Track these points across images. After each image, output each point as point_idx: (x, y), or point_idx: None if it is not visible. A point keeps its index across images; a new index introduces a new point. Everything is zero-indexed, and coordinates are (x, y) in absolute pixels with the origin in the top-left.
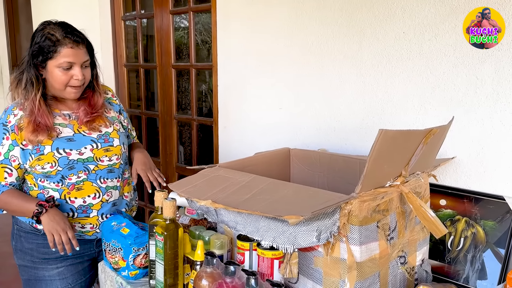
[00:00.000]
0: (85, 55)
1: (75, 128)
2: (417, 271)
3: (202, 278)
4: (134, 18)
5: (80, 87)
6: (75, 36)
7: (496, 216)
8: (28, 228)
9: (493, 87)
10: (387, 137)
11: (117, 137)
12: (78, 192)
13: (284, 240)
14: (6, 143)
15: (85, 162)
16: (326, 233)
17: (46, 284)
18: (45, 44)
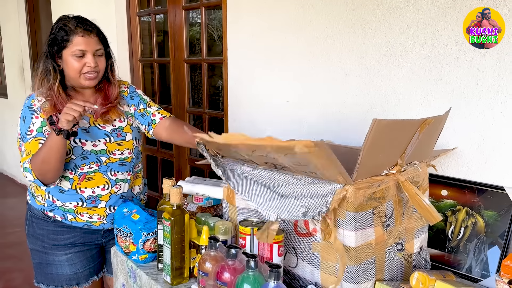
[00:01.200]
0: (97, 44)
1: (91, 121)
2: (415, 259)
3: (206, 261)
4: (148, 14)
5: (94, 75)
6: (86, 25)
7: (497, 206)
8: (40, 215)
9: (494, 79)
10: (381, 126)
11: (130, 131)
12: (88, 182)
13: (270, 207)
14: (36, 121)
15: (97, 154)
16: (315, 211)
17: (56, 268)
18: (59, 35)
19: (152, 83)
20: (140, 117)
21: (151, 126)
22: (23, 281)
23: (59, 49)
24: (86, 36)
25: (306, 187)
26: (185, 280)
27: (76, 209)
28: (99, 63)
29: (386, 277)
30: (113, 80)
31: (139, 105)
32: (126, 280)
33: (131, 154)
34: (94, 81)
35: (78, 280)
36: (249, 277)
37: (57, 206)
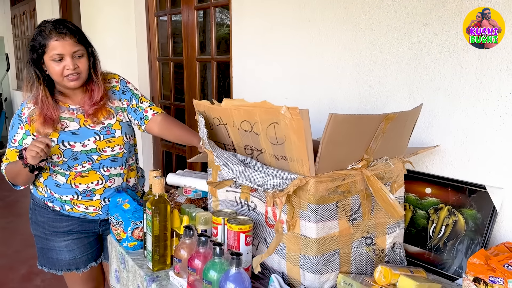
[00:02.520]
0: (74, 45)
1: (81, 122)
2: (388, 254)
3: (181, 249)
4: (165, 15)
5: (76, 77)
6: (60, 28)
7: (477, 205)
8: (41, 204)
9: (476, 76)
10: (337, 121)
11: (119, 128)
12: (83, 178)
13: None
14: (20, 132)
15: (88, 153)
16: (270, 185)
17: (56, 254)
18: (37, 41)
19: (169, 81)
20: (133, 112)
21: (143, 122)
22: None
23: (40, 55)
24: (61, 40)
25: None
26: (166, 267)
27: (73, 201)
28: (80, 64)
29: (353, 270)
30: (96, 80)
31: (131, 100)
32: (118, 265)
33: (122, 150)
34: (78, 82)
35: (77, 265)
36: (216, 264)
37: (55, 198)
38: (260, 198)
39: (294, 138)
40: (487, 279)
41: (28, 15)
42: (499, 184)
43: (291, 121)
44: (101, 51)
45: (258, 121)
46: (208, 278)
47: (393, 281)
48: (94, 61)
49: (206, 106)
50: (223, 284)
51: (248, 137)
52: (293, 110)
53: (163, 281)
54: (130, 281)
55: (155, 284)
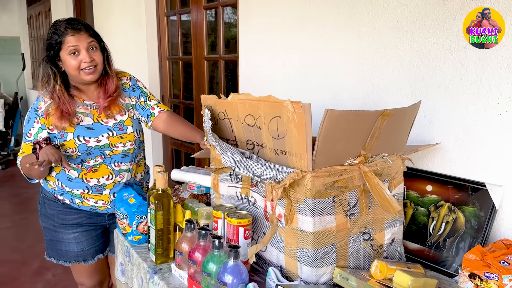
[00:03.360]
0: (88, 38)
1: (94, 118)
2: (387, 250)
3: (182, 242)
4: (175, 14)
5: (93, 69)
6: (75, 25)
7: (477, 202)
8: (51, 197)
9: (477, 74)
10: (333, 117)
11: (131, 124)
12: (94, 173)
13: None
14: (36, 126)
15: (101, 148)
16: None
17: (65, 245)
18: (53, 39)
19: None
20: (140, 109)
21: (150, 119)
22: None
23: (56, 52)
24: (76, 34)
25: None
26: (169, 260)
27: (83, 195)
28: (95, 57)
29: (351, 265)
30: (110, 73)
31: (140, 98)
32: (123, 259)
33: (133, 146)
34: (95, 75)
35: (85, 257)
36: (215, 256)
37: (65, 191)
38: (260, 193)
39: (294, 132)
40: (482, 275)
41: (43, 15)
42: (499, 182)
43: (293, 115)
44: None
45: (262, 115)
46: (207, 270)
47: (389, 276)
48: (107, 55)
49: (213, 100)
50: (221, 275)
51: (251, 131)
52: (296, 104)
53: (165, 274)
54: (134, 274)
55: (157, 276)
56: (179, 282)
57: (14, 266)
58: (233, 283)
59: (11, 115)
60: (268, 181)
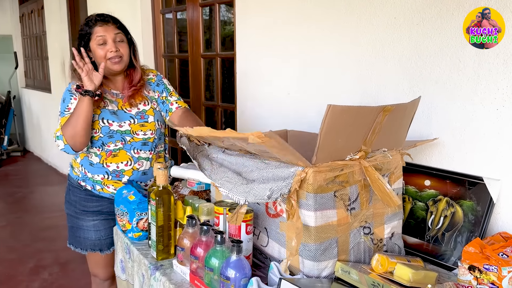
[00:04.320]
0: (115, 29)
1: (119, 106)
2: (386, 244)
3: (184, 238)
4: (171, 12)
5: (118, 60)
6: (103, 17)
7: (475, 196)
8: (75, 184)
9: (474, 70)
10: (336, 112)
11: (153, 114)
12: (114, 158)
13: (240, 192)
14: (74, 102)
15: (122, 134)
16: (277, 193)
17: (83, 233)
18: (84, 30)
19: (174, 77)
20: (161, 103)
21: (167, 114)
22: (53, 261)
23: (86, 42)
24: (104, 25)
25: (272, 171)
26: (170, 256)
27: (103, 181)
28: (121, 48)
29: (352, 259)
30: (136, 65)
31: (162, 93)
32: (123, 256)
33: (153, 135)
34: (120, 65)
35: (101, 247)
36: (217, 251)
37: (88, 177)
38: None
39: (273, 151)
40: (482, 267)
41: (36, 13)
42: (496, 176)
43: (263, 144)
44: None
45: (235, 141)
46: (209, 265)
47: (390, 269)
48: (133, 48)
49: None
50: (224, 270)
51: (237, 146)
52: (258, 136)
53: (166, 270)
54: (135, 271)
55: (159, 272)
56: (181, 277)
57: (10, 265)
58: (236, 277)
59: (3, 114)
60: (280, 199)
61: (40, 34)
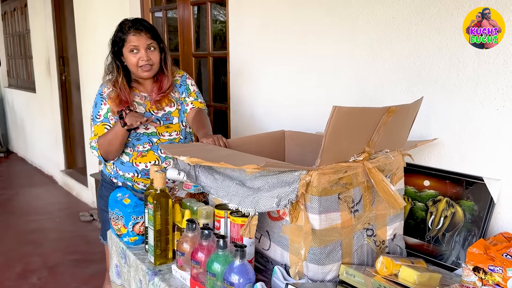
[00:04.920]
0: (148, 40)
1: (147, 108)
2: (389, 245)
3: (183, 242)
4: (160, 10)
5: (149, 68)
6: (137, 25)
7: (475, 196)
8: (108, 180)
9: (474, 70)
10: (341, 113)
11: (177, 115)
12: (143, 158)
13: (248, 204)
14: (104, 108)
15: (149, 136)
16: (285, 200)
17: None
18: (117, 36)
19: None
20: (181, 104)
21: (184, 114)
22: (41, 265)
23: (119, 48)
24: (137, 35)
25: (276, 176)
26: (168, 261)
27: (133, 179)
28: (152, 57)
29: (355, 261)
30: (166, 72)
31: (182, 94)
32: (119, 260)
33: (178, 135)
34: (150, 73)
35: None
36: (219, 256)
37: (119, 175)
38: None
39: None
40: (487, 268)
41: (19, 11)
42: (496, 176)
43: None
44: (95, 46)
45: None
46: (212, 270)
47: (394, 271)
48: (165, 56)
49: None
50: (228, 275)
51: None
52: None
53: (165, 275)
54: (131, 276)
55: (158, 278)
56: (180, 283)
57: None
58: (240, 283)
59: None
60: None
61: (24, 32)
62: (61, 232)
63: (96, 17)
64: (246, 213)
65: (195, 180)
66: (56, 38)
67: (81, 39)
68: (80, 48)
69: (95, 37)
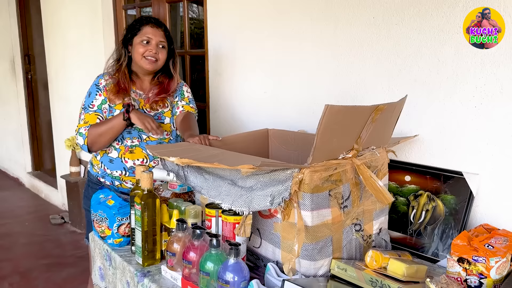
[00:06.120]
0: (162, 37)
1: (140, 105)
2: (375, 239)
3: (173, 242)
4: (134, 7)
5: (154, 60)
6: (157, 21)
7: (455, 190)
8: (95, 180)
9: (453, 69)
10: (333, 112)
11: (169, 116)
12: (131, 154)
13: (241, 204)
14: (99, 98)
15: (140, 131)
16: (279, 198)
17: None
18: (134, 24)
19: None
20: (173, 108)
21: (173, 117)
22: (12, 270)
23: (132, 36)
24: (154, 28)
25: (268, 175)
26: (156, 262)
27: (121, 177)
28: (160, 54)
29: (344, 256)
30: (174, 76)
31: (176, 98)
32: (102, 263)
33: (168, 136)
34: (153, 66)
35: None
36: (212, 255)
37: (107, 174)
38: None
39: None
40: (471, 259)
41: None
42: (475, 171)
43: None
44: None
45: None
46: (205, 269)
47: (383, 265)
48: (174, 59)
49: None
50: (222, 274)
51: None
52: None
53: (155, 276)
54: (117, 278)
55: (147, 279)
56: (171, 283)
57: None
58: (235, 281)
59: None
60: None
61: None
62: (31, 236)
63: (66, 14)
64: (239, 212)
65: (185, 180)
66: (21, 36)
67: (49, 36)
68: (48, 46)
69: (64, 35)
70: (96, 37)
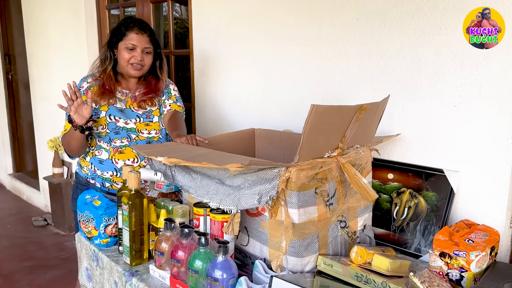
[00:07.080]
0: (147, 43)
1: (127, 105)
2: (360, 236)
3: (162, 242)
4: (117, 7)
5: (139, 67)
6: (142, 26)
7: (437, 187)
8: (84, 182)
9: (434, 69)
10: (319, 112)
11: (158, 115)
12: (121, 155)
13: (229, 202)
14: None
15: (128, 131)
16: (266, 196)
17: None
18: (119, 28)
19: None
20: (161, 106)
21: (161, 116)
22: None
23: (117, 40)
24: (139, 34)
25: (256, 173)
26: (144, 261)
27: (112, 178)
28: (146, 60)
29: (330, 252)
30: (161, 77)
31: (163, 96)
32: (89, 264)
33: (157, 134)
34: (139, 72)
35: None
36: (201, 253)
37: (97, 175)
38: None
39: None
40: (452, 253)
41: None
42: (456, 168)
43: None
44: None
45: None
46: (194, 267)
47: (368, 260)
48: (160, 62)
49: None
50: (211, 272)
51: None
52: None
53: (143, 275)
54: (105, 278)
55: (136, 278)
56: (159, 282)
57: None
58: (224, 278)
59: None
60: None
61: None
62: (13, 238)
63: (47, 13)
64: (227, 211)
65: (172, 180)
66: (1, 35)
67: (30, 36)
68: (29, 46)
69: (46, 34)
70: (79, 37)
